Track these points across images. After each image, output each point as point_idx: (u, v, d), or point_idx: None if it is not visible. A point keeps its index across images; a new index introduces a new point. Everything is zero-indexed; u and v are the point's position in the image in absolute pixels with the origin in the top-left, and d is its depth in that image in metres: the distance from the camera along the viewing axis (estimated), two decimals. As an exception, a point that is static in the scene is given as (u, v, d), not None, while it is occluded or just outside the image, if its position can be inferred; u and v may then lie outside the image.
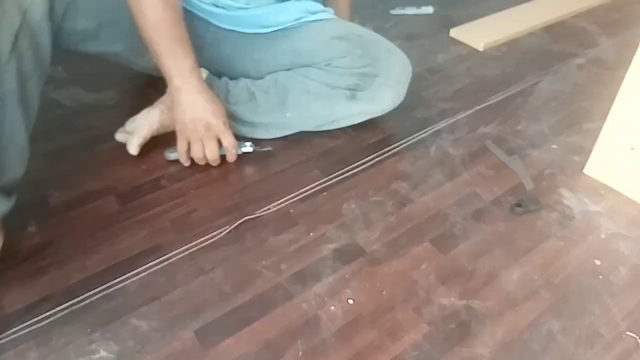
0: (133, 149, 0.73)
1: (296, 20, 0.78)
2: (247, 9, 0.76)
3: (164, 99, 0.79)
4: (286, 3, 0.77)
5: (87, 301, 0.55)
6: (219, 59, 0.81)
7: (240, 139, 0.75)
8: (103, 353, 0.50)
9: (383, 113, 0.78)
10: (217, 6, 0.77)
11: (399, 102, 0.78)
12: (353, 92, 0.75)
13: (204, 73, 0.80)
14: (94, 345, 0.51)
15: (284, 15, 0.77)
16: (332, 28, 0.77)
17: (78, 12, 0.66)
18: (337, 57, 0.74)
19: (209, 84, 0.79)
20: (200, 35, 0.77)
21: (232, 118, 0.79)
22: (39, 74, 0.59)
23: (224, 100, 0.79)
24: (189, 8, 0.78)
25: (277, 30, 0.77)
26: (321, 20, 0.77)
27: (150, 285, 0.57)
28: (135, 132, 0.74)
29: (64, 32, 0.66)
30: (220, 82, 0.80)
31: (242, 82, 0.79)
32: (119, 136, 0.75)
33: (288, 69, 0.78)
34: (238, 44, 0.80)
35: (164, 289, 0.57)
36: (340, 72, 0.75)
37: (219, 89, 0.79)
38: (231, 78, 0.81)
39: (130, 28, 0.76)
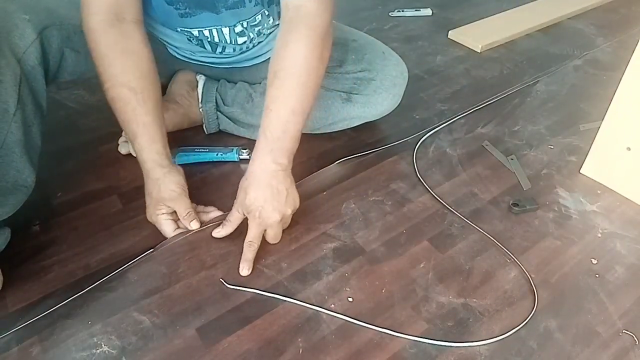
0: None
1: None
2: (247, 50, 0.76)
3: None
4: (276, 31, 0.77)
5: (89, 295, 0.55)
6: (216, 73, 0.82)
7: (238, 143, 0.76)
8: (105, 348, 0.51)
9: (380, 116, 0.78)
10: (215, 58, 0.77)
11: (395, 105, 0.78)
12: (349, 94, 0.75)
13: (201, 79, 0.80)
14: (95, 339, 0.51)
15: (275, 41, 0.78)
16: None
17: (79, 56, 0.64)
18: (333, 65, 0.74)
19: (207, 87, 0.79)
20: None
21: (230, 120, 0.79)
22: (39, 120, 0.60)
23: (221, 102, 0.79)
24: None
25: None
26: None
27: (152, 275, 0.57)
28: None
29: (64, 73, 0.65)
30: (218, 84, 0.80)
31: (240, 84, 0.80)
32: (124, 149, 0.75)
33: None
34: (234, 69, 0.80)
35: (166, 281, 0.57)
36: (336, 77, 0.75)
37: (218, 92, 0.79)
38: (229, 82, 0.82)
39: None
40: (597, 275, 0.61)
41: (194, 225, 0.61)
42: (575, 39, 1.16)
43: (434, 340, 0.53)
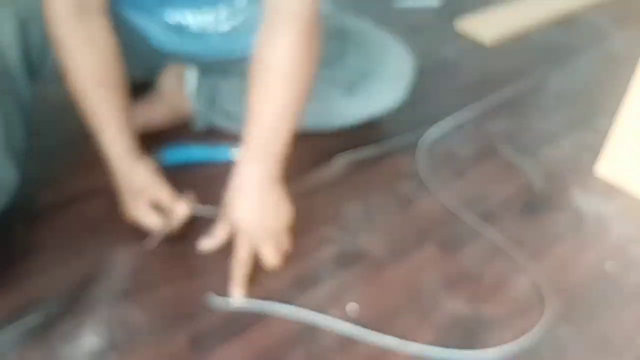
0: None
1: None
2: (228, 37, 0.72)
3: (149, 95, 0.78)
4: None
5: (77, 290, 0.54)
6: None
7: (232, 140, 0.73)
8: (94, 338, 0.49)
9: (384, 111, 0.76)
10: (199, 47, 0.74)
11: (399, 99, 0.75)
12: (349, 89, 0.73)
13: (192, 73, 0.78)
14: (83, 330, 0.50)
15: None
16: (326, 27, 0.74)
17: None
18: (331, 57, 0.71)
19: (197, 81, 0.77)
20: None
21: (222, 114, 0.77)
22: (22, 117, 0.58)
23: (212, 97, 0.76)
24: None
25: None
26: None
27: (144, 271, 0.56)
28: None
29: (50, 68, 0.64)
30: (209, 78, 0.77)
31: (232, 77, 0.77)
32: None
33: None
34: (223, 62, 0.77)
35: (159, 280, 0.56)
36: (335, 70, 0.73)
37: (209, 85, 0.76)
38: (220, 75, 0.79)
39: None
40: (612, 281, 0.59)
41: (182, 210, 0.58)
42: (590, 31, 1.14)
43: (442, 349, 0.51)
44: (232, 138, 0.76)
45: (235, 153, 0.72)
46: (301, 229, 0.63)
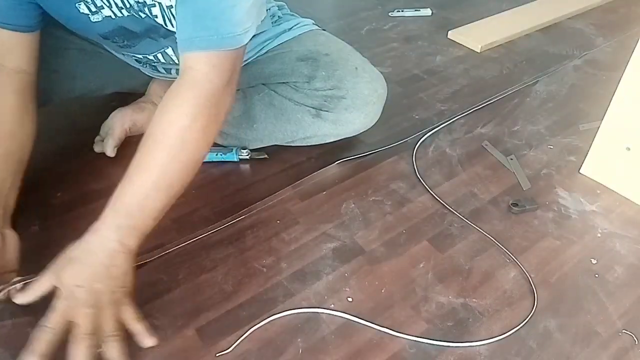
0: (109, 151, 0.73)
1: (257, 52, 0.74)
2: None
3: (140, 99, 0.79)
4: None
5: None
6: None
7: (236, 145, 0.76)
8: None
9: (355, 134, 0.75)
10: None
11: (371, 123, 0.75)
12: (318, 111, 0.72)
13: None
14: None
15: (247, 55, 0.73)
16: (298, 48, 0.73)
17: (59, 75, 0.62)
18: (302, 81, 0.72)
19: None
20: None
21: None
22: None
23: None
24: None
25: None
26: (286, 41, 0.74)
27: (152, 283, 0.58)
28: (109, 135, 0.74)
29: (51, 95, 0.64)
30: None
31: None
32: (97, 147, 0.75)
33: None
34: None
35: (166, 287, 0.57)
36: (306, 93, 0.72)
37: None
38: None
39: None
40: (596, 275, 0.61)
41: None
42: (574, 39, 1.16)
43: (434, 340, 0.53)
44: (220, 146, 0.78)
45: (242, 155, 0.75)
46: (303, 226, 0.65)
